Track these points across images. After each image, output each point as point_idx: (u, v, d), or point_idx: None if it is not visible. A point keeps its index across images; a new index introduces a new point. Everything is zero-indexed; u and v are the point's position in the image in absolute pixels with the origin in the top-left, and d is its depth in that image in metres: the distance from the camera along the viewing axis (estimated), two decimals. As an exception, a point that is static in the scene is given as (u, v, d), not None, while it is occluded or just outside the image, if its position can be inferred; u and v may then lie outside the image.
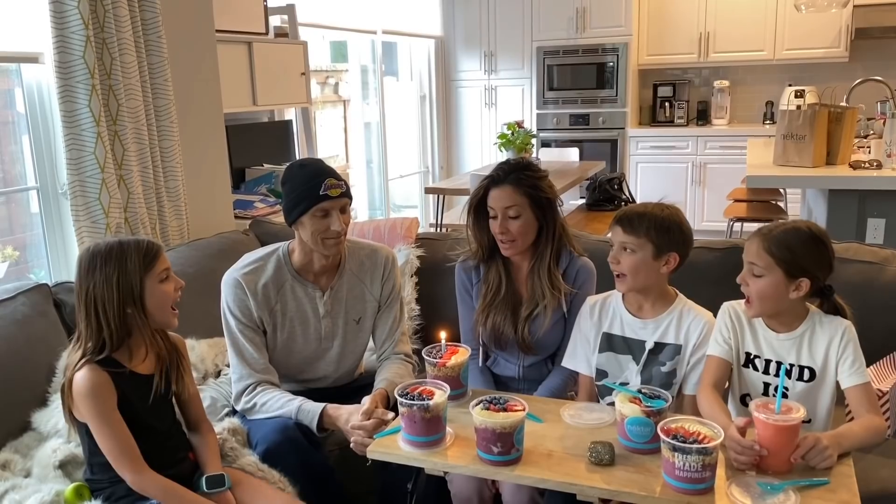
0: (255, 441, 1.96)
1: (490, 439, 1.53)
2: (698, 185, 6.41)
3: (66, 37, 2.41)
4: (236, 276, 2.09)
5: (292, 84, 4.09)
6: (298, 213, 2.01)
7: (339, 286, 2.17)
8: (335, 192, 2.00)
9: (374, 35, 5.89)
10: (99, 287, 1.64)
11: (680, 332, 1.89)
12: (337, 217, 2.01)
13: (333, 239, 2.04)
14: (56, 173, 2.66)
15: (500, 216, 2.06)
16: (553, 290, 2.09)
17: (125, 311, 1.65)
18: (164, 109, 2.79)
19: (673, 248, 1.84)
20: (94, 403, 1.62)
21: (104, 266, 1.64)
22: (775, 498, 1.40)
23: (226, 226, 3.17)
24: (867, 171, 3.44)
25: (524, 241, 2.08)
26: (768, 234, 1.72)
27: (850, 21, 5.87)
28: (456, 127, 7.23)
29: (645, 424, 1.54)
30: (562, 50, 6.62)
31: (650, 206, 1.89)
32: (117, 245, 1.68)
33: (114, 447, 1.64)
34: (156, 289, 1.69)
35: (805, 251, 1.70)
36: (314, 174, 2.02)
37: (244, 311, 2.07)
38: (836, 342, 1.73)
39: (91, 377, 1.63)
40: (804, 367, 1.76)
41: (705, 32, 6.41)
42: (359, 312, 2.20)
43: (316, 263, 2.12)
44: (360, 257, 2.21)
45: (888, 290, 2.24)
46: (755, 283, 1.72)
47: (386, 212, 6.22)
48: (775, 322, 1.79)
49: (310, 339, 2.15)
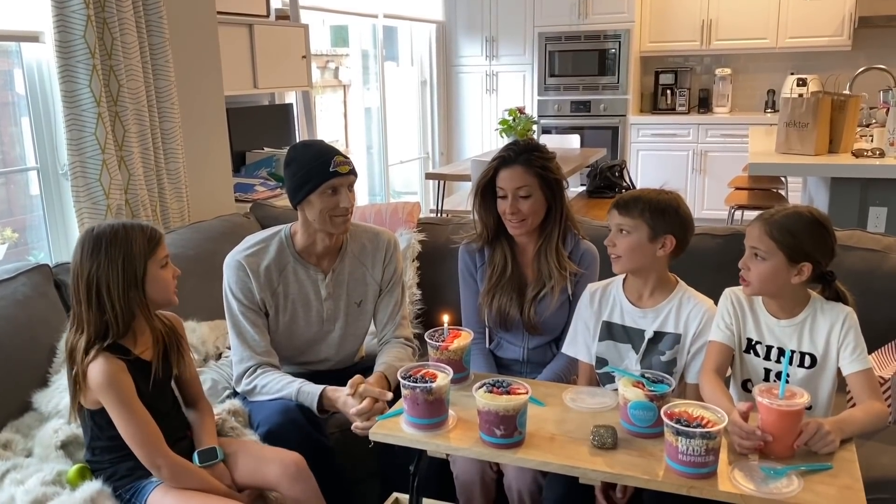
0: (256, 422, 1.96)
1: (493, 422, 1.53)
2: (699, 173, 6.40)
3: (67, 16, 2.39)
4: (238, 258, 2.08)
5: (293, 67, 4.07)
6: (307, 191, 2.00)
7: (341, 269, 2.16)
8: (344, 169, 2.01)
9: (375, 19, 5.86)
10: (103, 269, 1.62)
11: (680, 320, 1.88)
12: (346, 194, 2.03)
13: (342, 217, 2.04)
14: (56, 154, 2.65)
15: (510, 196, 2.06)
16: (561, 270, 2.10)
17: (129, 295, 1.64)
18: (165, 91, 2.77)
19: (669, 231, 1.83)
20: (115, 394, 1.62)
21: (109, 248, 1.63)
22: (778, 482, 1.40)
23: (226, 209, 3.16)
24: (870, 160, 3.43)
25: (534, 220, 2.09)
26: (770, 219, 1.72)
27: (853, 9, 5.84)
28: (456, 113, 7.20)
29: (648, 408, 1.54)
30: (563, 36, 6.59)
31: (647, 191, 1.89)
32: (122, 228, 1.66)
33: (138, 434, 1.63)
34: (157, 274, 1.68)
35: (807, 236, 1.70)
36: (321, 152, 2.02)
37: (246, 294, 2.07)
38: (838, 329, 1.72)
39: (108, 368, 1.61)
40: (805, 353, 1.76)
41: (707, 20, 6.37)
42: (360, 295, 2.20)
43: (319, 245, 2.12)
44: (361, 240, 2.21)
45: (891, 277, 2.24)
46: (756, 267, 1.72)
47: (386, 197, 6.20)
48: (777, 308, 1.79)
49: (311, 322, 2.15)
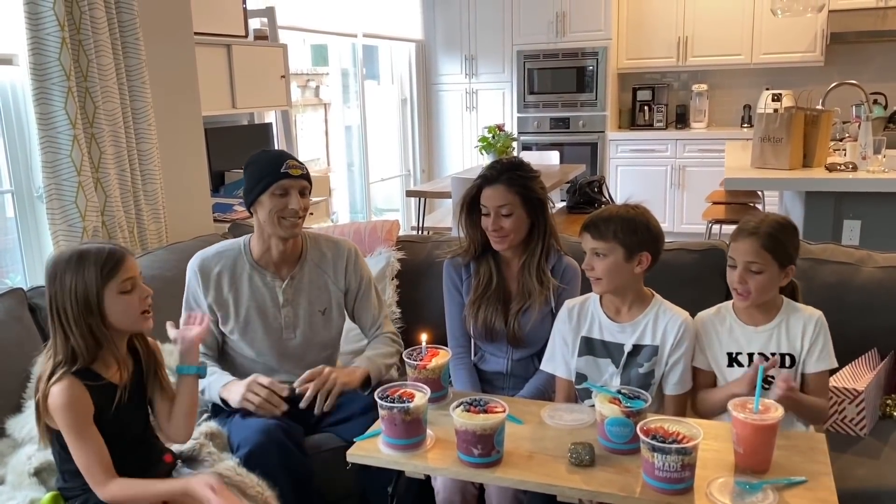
0: (236, 443, 1.94)
1: (470, 441, 1.53)
2: (677, 188, 6.45)
3: (42, 38, 2.38)
4: (194, 263, 2.19)
5: (272, 87, 4.07)
6: (259, 191, 2.06)
7: (300, 276, 2.20)
8: (296, 172, 2.08)
9: (354, 38, 5.88)
10: (60, 296, 1.61)
11: (657, 332, 1.90)
12: (296, 197, 2.08)
13: (290, 219, 2.08)
14: (31, 176, 2.62)
15: (492, 214, 2.11)
16: (542, 286, 2.14)
17: (87, 322, 1.61)
18: (142, 112, 2.76)
19: (644, 248, 1.85)
20: (69, 417, 1.60)
21: (64, 275, 1.61)
22: (754, 497, 1.40)
23: (205, 229, 3.14)
24: (843, 174, 3.48)
25: (516, 236, 2.14)
26: (758, 232, 1.78)
27: (825, 26, 5.95)
28: (437, 130, 7.23)
29: (624, 425, 1.55)
30: (542, 54, 6.65)
31: (615, 209, 1.90)
32: (77, 254, 1.63)
33: (86, 460, 1.61)
34: (117, 300, 1.63)
35: (790, 242, 1.81)
36: (276, 156, 2.11)
37: (194, 296, 2.16)
38: (811, 330, 1.81)
39: (67, 390, 1.59)
40: (784, 353, 1.83)
41: (683, 37, 6.46)
42: (324, 303, 2.22)
43: (274, 251, 2.15)
44: (321, 249, 2.26)
45: (864, 290, 2.27)
46: (754, 280, 1.79)
47: (367, 215, 6.20)
48: (754, 315, 1.86)
49: (270, 329, 2.17)
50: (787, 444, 1.59)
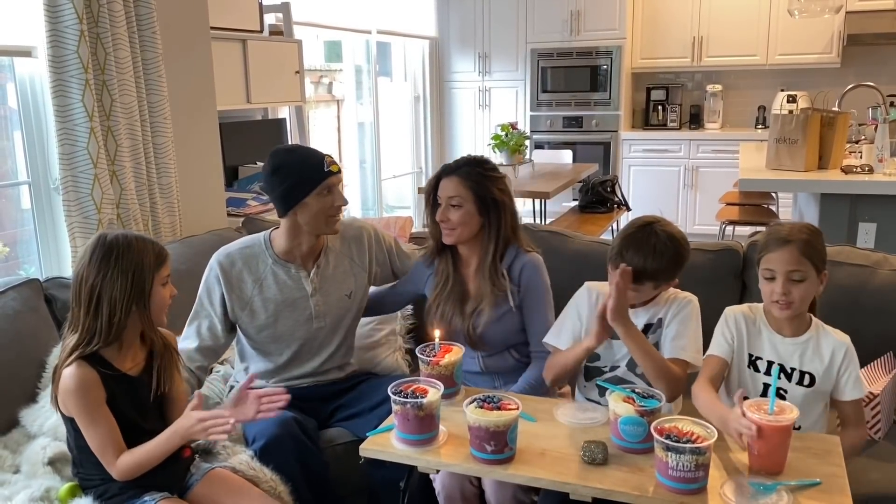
0: (251, 436, 1.95)
1: (483, 438, 1.53)
2: (690, 189, 6.43)
3: (60, 31, 2.39)
4: (217, 259, 2.14)
5: (286, 82, 4.08)
6: (304, 193, 2.03)
7: (325, 264, 2.20)
8: (336, 168, 2.07)
9: (368, 35, 5.88)
10: (109, 279, 1.61)
11: (667, 315, 1.89)
12: (339, 192, 2.09)
13: (336, 216, 2.11)
14: (48, 168, 2.65)
15: (443, 203, 2.11)
16: (494, 287, 2.12)
17: (130, 308, 1.63)
18: (158, 105, 2.78)
19: (679, 271, 1.88)
20: (81, 400, 1.61)
21: (121, 259, 1.62)
22: (768, 498, 1.40)
23: (218, 223, 3.15)
24: (858, 176, 3.46)
25: (463, 231, 2.11)
26: (799, 240, 1.74)
27: (842, 27, 5.90)
28: (449, 128, 7.22)
29: (638, 424, 1.55)
30: (556, 52, 6.63)
31: (651, 254, 1.80)
32: (134, 240, 1.66)
33: (99, 441, 1.63)
34: (159, 291, 1.68)
35: (823, 247, 1.79)
36: (310, 155, 2.07)
37: (211, 292, 2.12)
38: (840, 356, 1.77)
39: (79, 374, 1.61)
40: (805, 372, 1.79)
41: (698, 37, 6.43)
42: (348, 287, 2.23)
43: (305, 245, 2.15)
44: (341, 234, 2.24)
45: (880, 293, 2.25)
46: (798, 289, 1.74)
47: (379, 212, 6.21)
48: (786, 326, 1.81)
49: (300, 321, 2.16)
50: (802, 445, 1.58)
